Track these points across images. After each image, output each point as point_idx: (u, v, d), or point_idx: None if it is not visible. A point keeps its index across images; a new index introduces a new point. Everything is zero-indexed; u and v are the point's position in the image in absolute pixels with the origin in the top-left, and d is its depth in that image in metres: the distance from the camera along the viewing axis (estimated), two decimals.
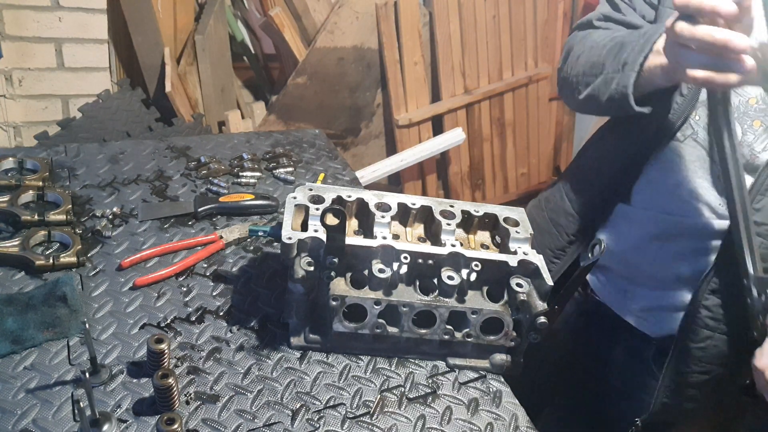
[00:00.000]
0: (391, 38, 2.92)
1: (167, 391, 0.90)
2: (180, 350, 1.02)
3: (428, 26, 3.06)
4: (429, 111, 3.13)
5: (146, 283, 1.12)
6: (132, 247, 1.21)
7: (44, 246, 1.17)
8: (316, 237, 0.99)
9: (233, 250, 1.25)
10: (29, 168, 1.36)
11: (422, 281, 1.03)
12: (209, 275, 1.18)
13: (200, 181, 1.44)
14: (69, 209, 1.23)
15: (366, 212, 1.11)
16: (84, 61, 2.49)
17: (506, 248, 1.08)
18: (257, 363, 1.02)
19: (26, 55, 2.38)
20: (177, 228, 1.28)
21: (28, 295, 1.06)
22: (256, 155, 1.55)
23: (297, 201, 1.08)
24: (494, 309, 1.02)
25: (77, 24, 2.41)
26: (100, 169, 1.42)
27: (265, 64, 3.12)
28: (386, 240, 1.03)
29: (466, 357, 1.07)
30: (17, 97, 2.43)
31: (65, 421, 0.88)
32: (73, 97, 2.51)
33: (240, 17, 3.06)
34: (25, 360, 0.96)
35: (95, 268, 1.15)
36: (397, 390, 1.02)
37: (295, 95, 2.80)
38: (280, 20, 2.69)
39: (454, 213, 1.11)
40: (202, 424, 0.91)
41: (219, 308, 1.11)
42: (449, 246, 1.04)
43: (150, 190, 1.38)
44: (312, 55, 2.77)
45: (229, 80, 2.87)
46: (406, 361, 1.06)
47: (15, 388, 0.92)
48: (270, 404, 0.96)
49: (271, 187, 1.46)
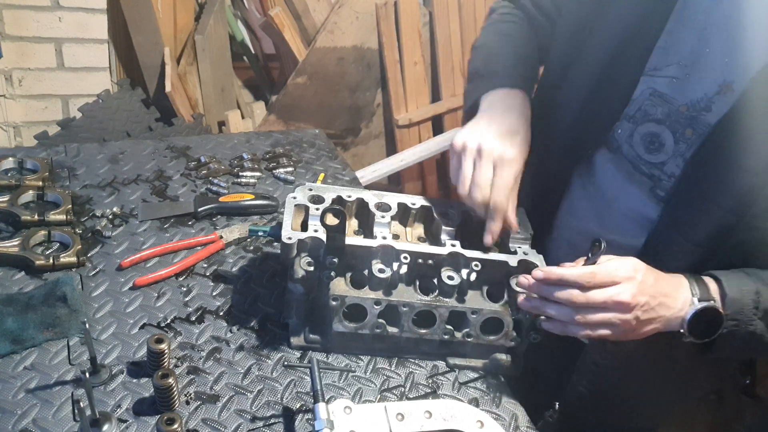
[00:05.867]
0: (391, 38, 2.92)
1: (167, 391, 0.90)
2: (180, 350, 1.02)
3: (428, 26, 3.06)
4: (429, 111, 3.13)
5: (146, 283, 1.12)
6: (132, 247, 1.21)
7: (44, 246, 1.17)
8: (316, 237, 0.99)
9: (233, 250, 1.25)
10: (29, 168, 1.36)
11: (422, 281, 1.03)
12: (209, 275, 1.18)
13: (200, 181, 1.44)
14: (69, 209, 1.23)
15: (366, 212, 1.11)
16: (84, 61, 2.49)
17: (506, 248, 1.09)
18: (257, 363, 1.02)
19: (26, 55, 2.38)
20: (177, 228, 1.28)
21: (28, 295, 1.06)
22: (256, 155, 1.55)
23: (297, 201, 1.08)
24: (494, 309, 1.02)
25: (77, 24, 2.41)
26: (100, 169, 1.42)
27: (265, 64, 3.12)
28: (386, 240, 1.03)
29: (466, 357, 1.07)
30: (17, 97, 2.43)
31: (65, 421, 0.88)
32: (73, 97, 2.51)
33: (240, 17, 3.06)
34: (25, 360, 0.96)
35: (95, 268, 1.15)
36: (397, 390, 1.02)
37: (295, 95, 2.80)
38: (280, 20, 2.69)
39: (454, 213, 1.12)
40: (202, 424, 0.91)
41: (219, 308, 1.11)
42: (449, 246, 1.04)
43: (150, 190, 1.38)
44: (312, 55, 2.77)
45: (229, 80, 2.87)
46: (406, 361, 1.06)
47: (15, 388, 0.92)
48: (270, 404, 0.96)
49: (271, 187, 1.46)
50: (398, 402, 0.96)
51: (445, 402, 0.94)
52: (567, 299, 0.92)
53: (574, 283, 0.91)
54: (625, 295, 0.90)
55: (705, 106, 1.01)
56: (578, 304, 0.92)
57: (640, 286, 0.91)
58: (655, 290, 0.93)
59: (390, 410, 0.88)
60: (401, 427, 0.87)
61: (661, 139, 1.06)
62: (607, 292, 0.91)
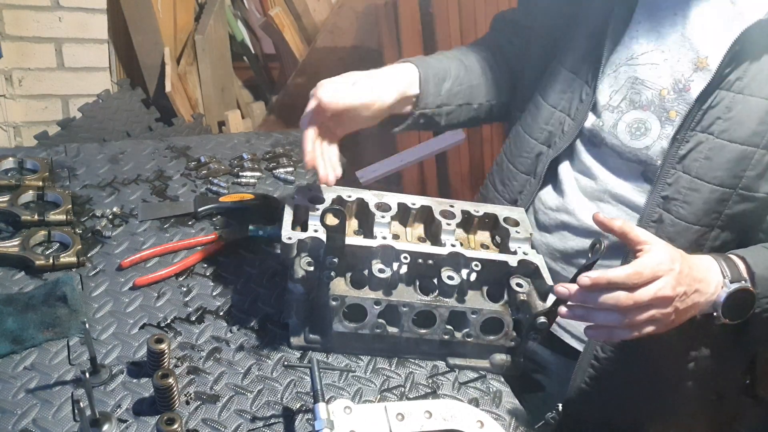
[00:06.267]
0: (391, 38, 2.92)
1: (167, 391, 0.90)
2: (180, 350, 1.02)
3: (428, 26, 3.06)
4: None
5: (146, 283, 1.12)
6: (132, 247, 1.21)
7: (44, 246, 1.17)
8: (316, 237, 0.99)
9: (233, 250, 1.25)
10: (29, 168, 1.36)
11: (422, 281, 1.03)
12: (209, 275, 1.18)
13: (200, 181, 1.44)
14: (69, 209, 1.23)
15: (366, 212, 1.11)
16: (84, 61, 2.49)
17: (506, 248, 1.09)
18: (257, 363, 1.02)
19: (26, 55, 2.38)
20: (177, 228, 1.28)
21: (28, 295, 1.06)
22: (256, 155, 1.55)
23: (297, 201, 1.08)
24: (494, 309, 1.02)
25: (77, 24, 2.41)
26: (100, 169, 1.42)
27: (265, 64, 3.12)
28: (386, 240, 1.03)
29: (466, 357, 1.07)
30: (17, 97, 2.43)
31: (65, 421, 0.88)
32: (73, 97, 2.51)
33: (240, 17, 3.06)
34: (25, 360, 0.96)
35: (95, 268, 1.15)
36: (397, 390, 1.02)
37: (295, 95, 2.80)
38: (280, 20, 2.70)
39: (454, 213, 1.12)
40: (202, 424, 0.91)
41: (219, 308, 1.11)
42: (449, 246, 1.04)
43: (150, 190, 1.38)
44: (312, 55, 2.77)
45: (229, 80, 2.87)
46: (406, 361, 1.06)
47: (15, 388, 0.92)
48: (270, 404, 0.96)
49: (271, 187, 1.46)
50: (398, 402, 0.96)
51: (445, 402, 0.94)
52: (614, 304, 0.88)
53: (623, 285, 0.88)
54: (666, 289, 0.88)
55: (684, 86, 1.04)
56: (626, 308, 0.88)
57: (678, 278, 0.89)
58: (690, 278, 0.91)
59: (390, 410, 0.88)
60: (401, 427, 0.87)
61: (647, 125, 1.08)
62: (650, 290, 0.88)
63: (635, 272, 0.88)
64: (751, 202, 1.00)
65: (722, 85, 0.98)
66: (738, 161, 0.98)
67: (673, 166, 1.03)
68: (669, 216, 1.03)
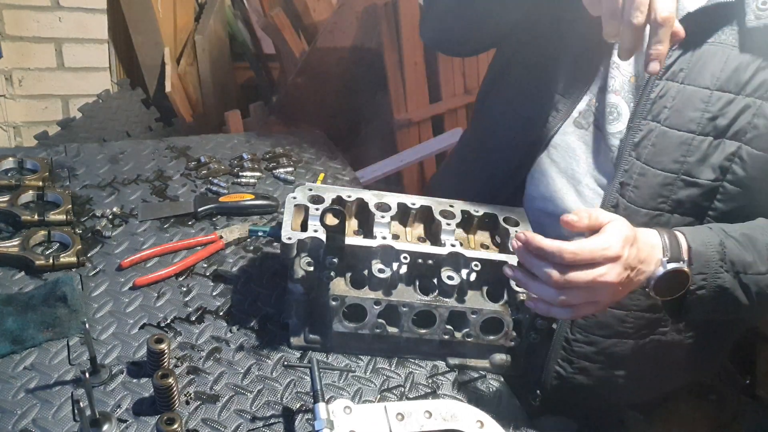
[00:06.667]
0: (391, 38, 2.92)
1: (167, 391, 0.90)
2: (180, 350, 1.02)
3: None
4: (429, 111, 3.12)
5: (146, 283, 1.12)
6: (132, 247, 1.21)
7: (44, 246, 1.17)
8: (316, 237, 0.99)
9: (233, 250, 1.25)
10: (29, 168, 1.36)
11: (422, 281, 1.03)
12: (209, 275, 1.18)
13: (200, 181, 1.44)
14: (69, 209, 1.23)
15: (366, 212, 1.11)
16: (84, 61, 2.49)
17: (506, 248, 1.09)
18: (257, 363, 1.02)
19: (26, 55, 2.38)
20: (177, 228, 1.28)
21: (28, 295, 1.06)
22: (256, 155, 1.55)
23: (297, 201, 1.08)
24: (494, 309, 1.02)
25: (77, 24, 2.41)
26: (100, 169, 1.42)
27: (265, 64, 3.12)
28: (386, 240, 1.03)
29: (466, 357, 1.07)
30: (17, 97, 2.43)
31: (65, 421, 0.88)
32: (73, 97, 2.51)
33: (240, 17, 3.06)
34: (25, 360, 0.96)
35: (95, 268, 1.15)
36: (397, 390, 1.02)
37: (295, 95, 2.80)
38: (280, 20, 2.69)
39: (453, 213, 1.12)
40: (202, 424, 0.91)
41: (219, 308, 1.11)
42: (449, 246, 1.04)
43: (150, 190, 1.38)
44: (312, 55, 2.77)
45: (229, 80, 2.87)
46: (406, 361, 1.06)
47: (15, 388, 0.92)
48: (270, 404, 0.96)
49: (271, 187, 1.46)
50: (398, 402, 0.96)
51: (445, 402, 0.94)
52: (546, 278, 0.86)
53: (552, 257, 0.86)
54: (610, 275, 0.87)
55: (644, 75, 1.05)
56: (558, 285, 0.86)
57: (625, 263, 0.88)
58: (636, 261, 0.90)
59: (390, 410, 0.88)
60: (401, 427, 0.87)
61: (618, 109, 1.09)
62: (590, 274, 0.86)
63: (571, 251, 0.85)
64: (695, 188, 1.02)
65: (667, 75, 1.01)
66: (678, 147, 1.01)
67: (629, 153, 1.05)
68: (623, 201, 1.05)
